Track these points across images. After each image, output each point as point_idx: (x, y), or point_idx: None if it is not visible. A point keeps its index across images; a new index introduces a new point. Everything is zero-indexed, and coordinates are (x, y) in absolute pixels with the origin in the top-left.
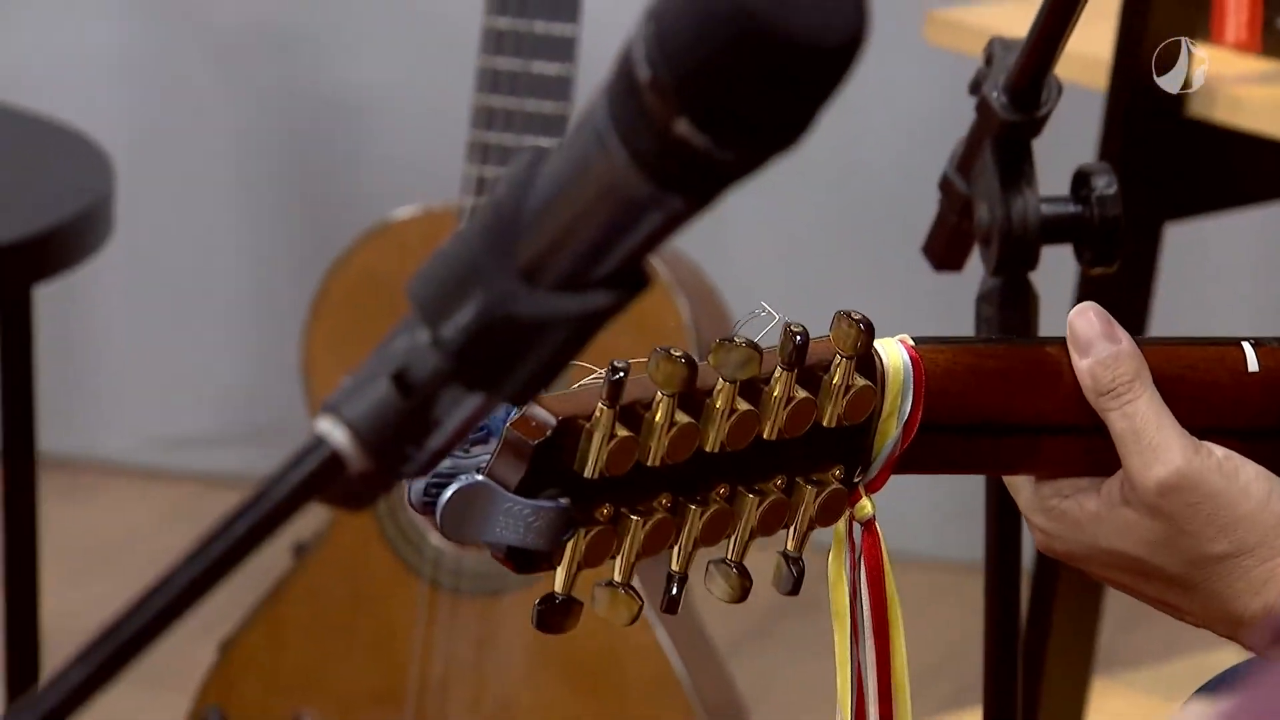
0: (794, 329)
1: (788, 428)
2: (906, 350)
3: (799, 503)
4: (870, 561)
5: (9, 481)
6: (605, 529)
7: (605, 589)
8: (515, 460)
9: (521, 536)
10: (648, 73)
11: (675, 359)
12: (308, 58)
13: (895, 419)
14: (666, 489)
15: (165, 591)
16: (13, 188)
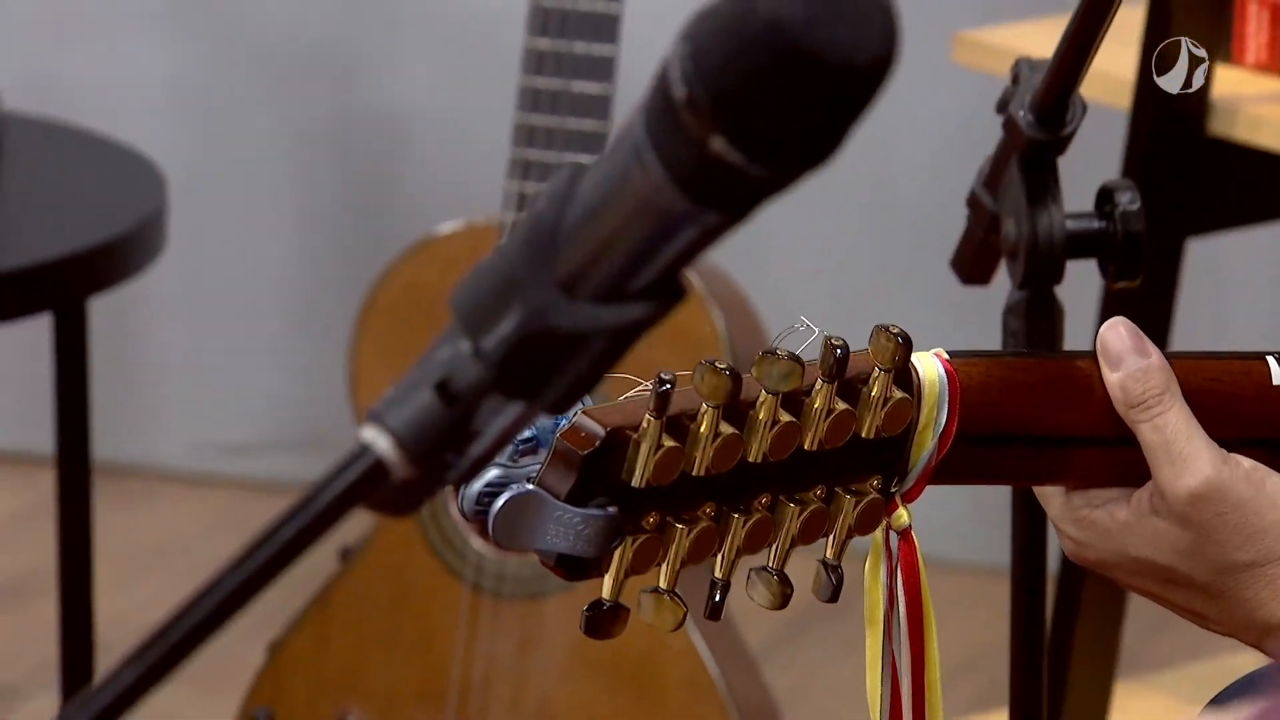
0: (835, 343)
1: (828, 439)
2: (942, 364)
3: (838, 512)
4: (907, 569)
5: (64, 487)
6: (652, 537)
7: (651, 595)
8: (565, 470)
9: (571, 544)
10: (683, 91)
11: (720, 371)
12: (355, 78)
13: (931, 431)
14: (711, 498)
15: (215, 595)
16: (70, 203)
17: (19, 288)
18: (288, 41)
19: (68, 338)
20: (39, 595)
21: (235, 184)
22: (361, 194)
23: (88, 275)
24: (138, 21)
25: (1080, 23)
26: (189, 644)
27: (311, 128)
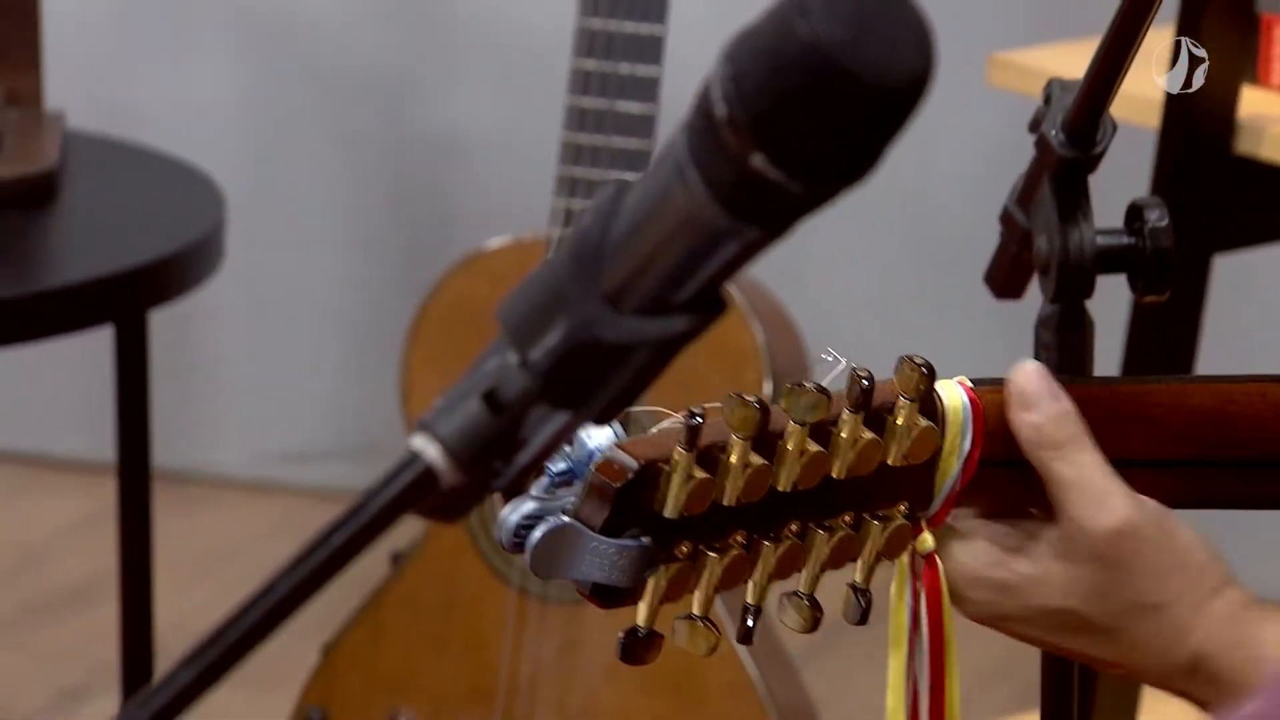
0: (860, 374)
1: (855, 467)
2: (965, 392)
3: (866, 537)
4: (930, 593)
5: (126, 494)
6: (685, 565)
7: (685, 622)
8: (600, 502)
9: (606, 574)
10: (724, 110)
11: (749, 404)
12: (407, 98)
13: (955, 457)
14: (742, 526)
15: (270, 598)
16: (132, 219)
17: (82, 300)
18: (343, 65)
19: (129, 348)
20: (101, 599)
21: (292, 201)
22: (413, 210)
23: (148, 288)
24: (200, 46)
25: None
26: (244, 645)
27: (365, 147)
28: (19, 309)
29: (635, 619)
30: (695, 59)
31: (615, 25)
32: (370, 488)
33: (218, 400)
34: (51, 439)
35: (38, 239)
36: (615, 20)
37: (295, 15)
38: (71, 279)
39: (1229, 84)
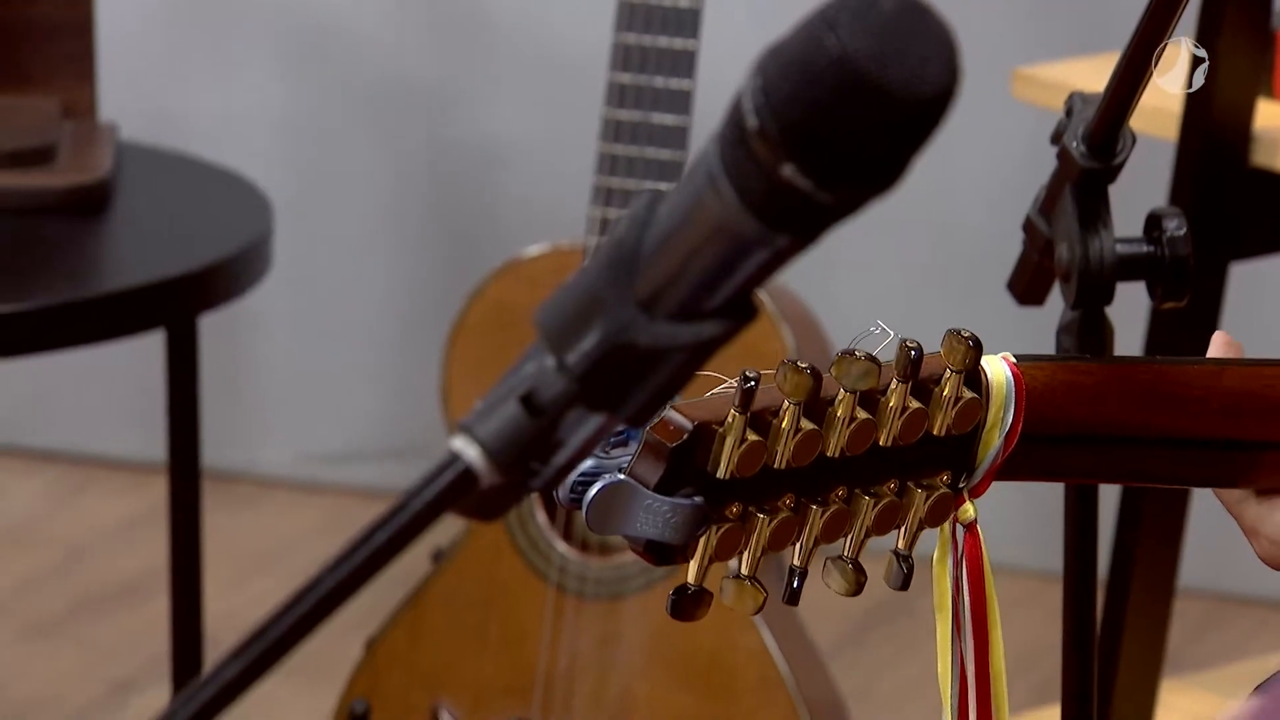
0: (910, 345)
1: (902, 435)
2: (1009, 366)
3: (910, 505)
4: (971, 560)
5: (176, 493)
6: (734, 526)
7: (733, 581)
8: (655, 461)
9: (659, 531)
10: (755, 122)
11: (802, 370)
12: (448, 110)
13: (998, 430)
14: (790, 490)
15: (315, 593)
16: (182, 227)
17: (134, 305)
18: (386, 78)
19: (179, 352)
20: (153, 594)
21: (337, 209)
22: (454, 218)
23: (198, 294)
24: (247, 59)
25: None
26: (291, 639)
27: (407, 157)
28: (74, 314)
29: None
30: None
31: (650, 40)
32: (412, 488)
33: (264, 402)
34: (105, 440)
35: (92, 246)
36: (650, 35)
37: (339, 29)
38: (124, 285)
39: (1245, 98)
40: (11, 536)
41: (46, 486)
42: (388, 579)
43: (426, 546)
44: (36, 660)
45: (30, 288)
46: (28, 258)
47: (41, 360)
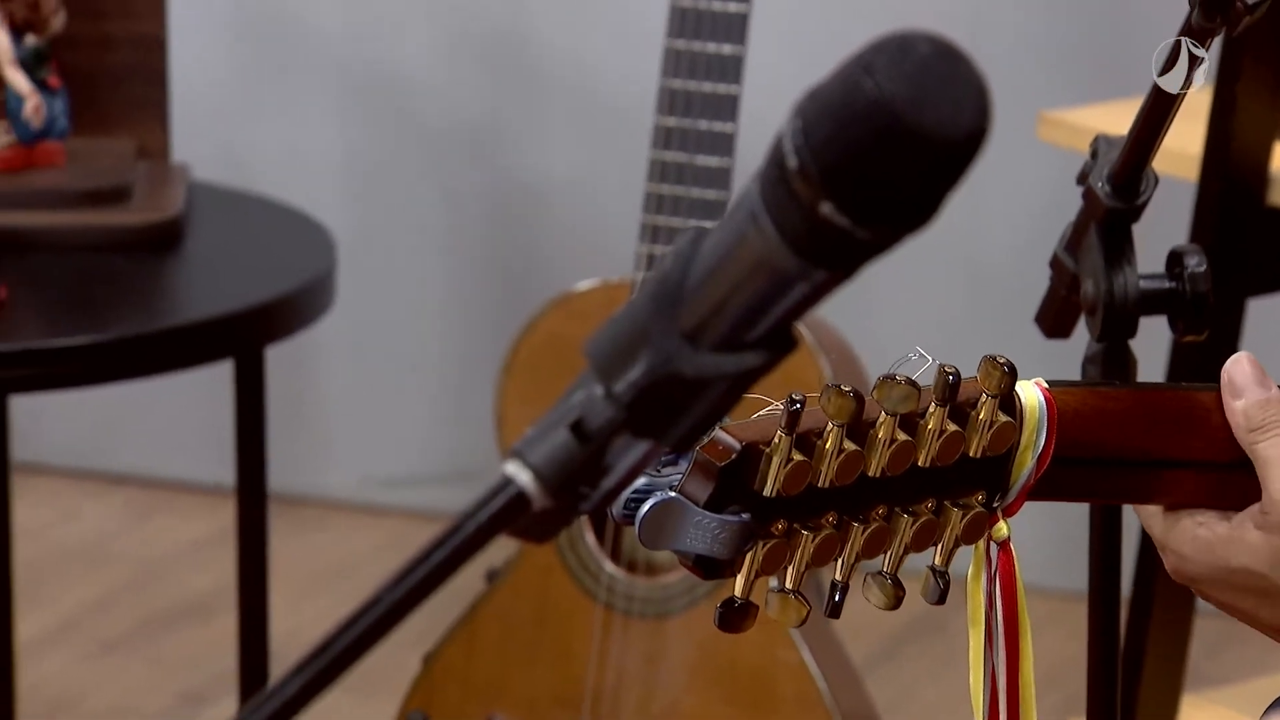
0: (948, 370)
1: (939, 457)
2: (1042, 392)
3: (946, 523)
4: (1005, 576)
5: (244, 516)
6: (780, 542)
7: (778, 594)
8: (704, 479)
9: (708, 546)
10: (795, 162)
11: (845, 394)
12: (502, 150)
13: (1031, 451)
14: (833, 508)
15: (375, 610)
16: (249, 262)
17: (205, 337)
18: (444, 120)
19: (247, 381)
20: (222, 611)
21: (397, 245)
22: (508, 254)
23: (265, 326)
24: (311, 103)
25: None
26: (351, 655)
27: (463, 196)
28: (147, 344)
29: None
30: (768, 116)
31: (694, 85)
32: (466, 510)
33: (328, 429)
34: (177, 464)
35: (165, 281)
36: (694, 81)
37: (397, 72)
38: (195, 318)
39: (1262, 140)
40: (86, 556)
41: (120, 508)
42: (444, 597)
43: (481, 566)
44: (110, 674)
45: (106, 320)
46: (104, 291)
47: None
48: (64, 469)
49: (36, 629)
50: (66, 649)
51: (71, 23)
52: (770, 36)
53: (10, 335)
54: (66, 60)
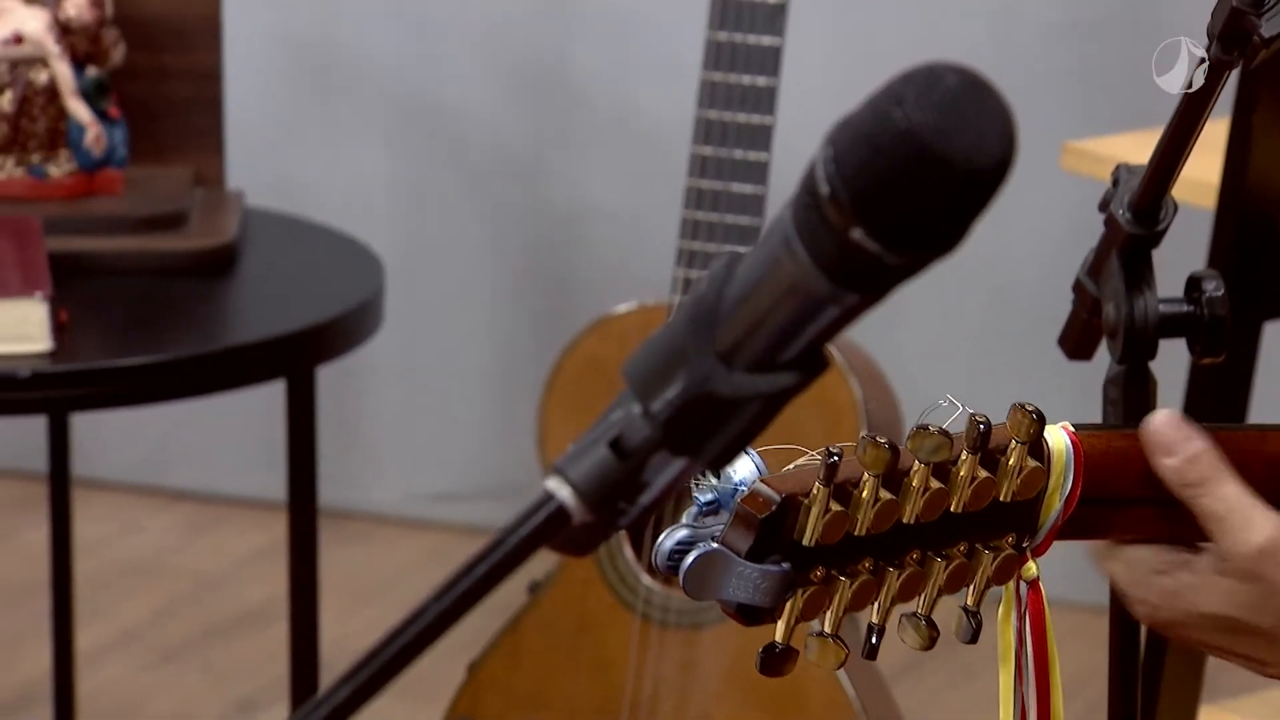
0: (978, 419)
1: (971, 502)
2: (1069, 436)
3: (978, 565)
4: (1034, 615)
5: (295, 529)
6: (819, 589)
7: (817, 638)
8: (745, 531)
9: (750, 595)
10: (827, 189)
11: (881, 445)
12: (543, 178)
13: (1058, 494)
14: (870, 554)
15: (421, 621)
16: (301, 285)
17: (257, 357)
18: (488, 148)
19: (299, 400)
20: (274, 621)
21: (442, 269)
22: (549, 278)
23: (316, 347)
24: (361, 133)
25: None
26: (398, 663)
27: (506, 221)
28: (203, 365)
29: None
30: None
31: (730, 116)
32: (509, 524)
33: (376, 446)
34: (230, 480)
35: (219, 304)
36: (730, 111)
37: (443, 104)
38: (248, 339)
39: (1278, 170)
40: (145, 569)
41: (177, 523)
42: (488, 608)
43: (523, 578)
44: (168, 682)
45: (164, 341)
46: (162, 314)
47: (174, 407)
48: (124, 485)
49: (97, 639)
50: (126, 658)
51: (131, 55)
52: (803, 68)
53: (72, 355)
54: (126, 91)
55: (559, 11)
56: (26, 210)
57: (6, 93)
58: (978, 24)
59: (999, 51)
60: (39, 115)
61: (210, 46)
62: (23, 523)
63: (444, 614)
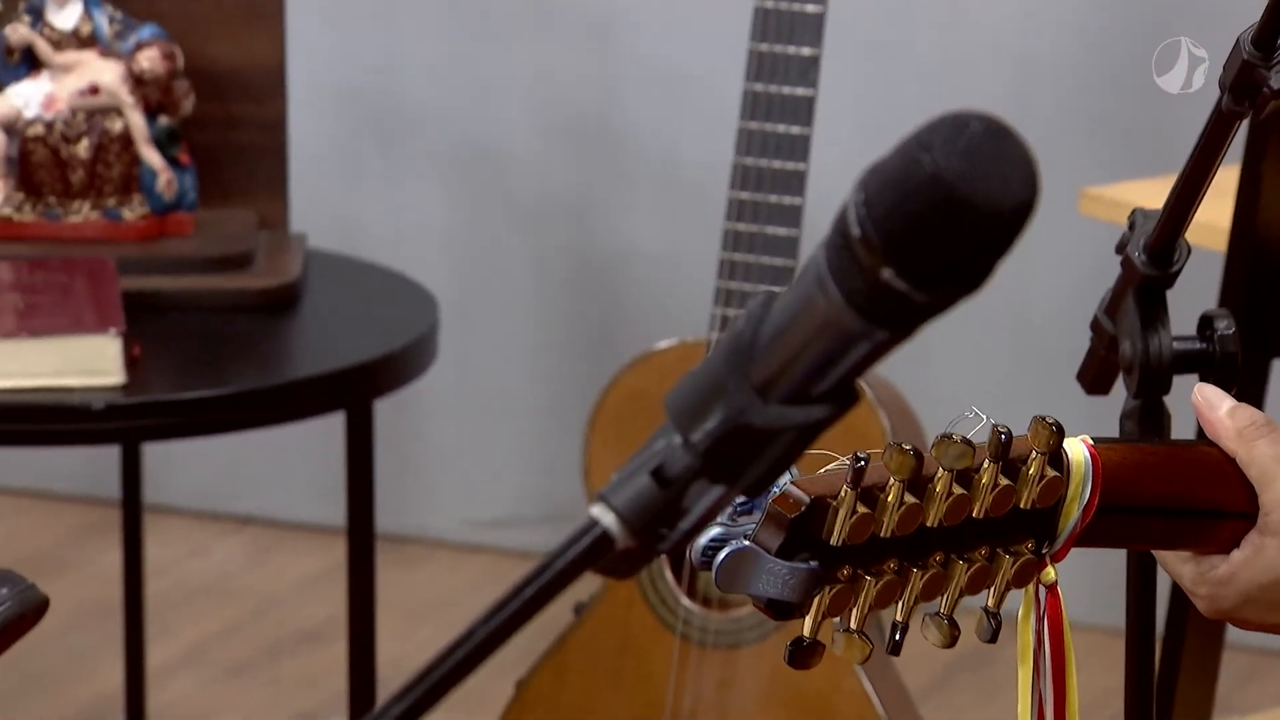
0: (1000, 429)
1: (992, 509)
2: (1088, 448)
3: (999, 569)
4: (1052, 617)
5: (353, 553)
6: (845, 586)
7: (843, 634)
8: (776, 530)
9: (779, 591)
10: (858, 231)
11: (906, 452)
12: (590, 221)
13: (1077, 503)
14: (894, 555)
15: (472, 640)
16: (360, 322)
17: (318, 391)
18: (537, 192)
19: (357, 431)
20: (333, 640)
21: (494, 307)
22: (594, 316)
23: (373, 381)
24: (416, 177)
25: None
26: (450, 680)
27: (553, 261)
28: (266, 398)
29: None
30: (832, 190)
31: (765, 162)
32: (556, 549)
33: (431, 474)
34: (293, 506)
35: (283, 340)
36: (765, 158)
37: (493, 149)
38: (310, 373)
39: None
40: (212, 589)
41: (243, 546)
42: (535, 627)
43: (569, 600)
44: (234, 696)
45: (230, 375)
46: (228, 349)
47: (239, 437)
48: (192, 510)
49: (167, 656)
50: (194, 673)
51: (200, 105)
52: (834, 117)
53: (143, 389)
54: (195, 139)
55: (605, 66)
56: (102, 251)
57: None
58: (1001, 76)
59: (1021, 102)
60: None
61: (275, 97)
62: (97, 546)
63: (493, 634)
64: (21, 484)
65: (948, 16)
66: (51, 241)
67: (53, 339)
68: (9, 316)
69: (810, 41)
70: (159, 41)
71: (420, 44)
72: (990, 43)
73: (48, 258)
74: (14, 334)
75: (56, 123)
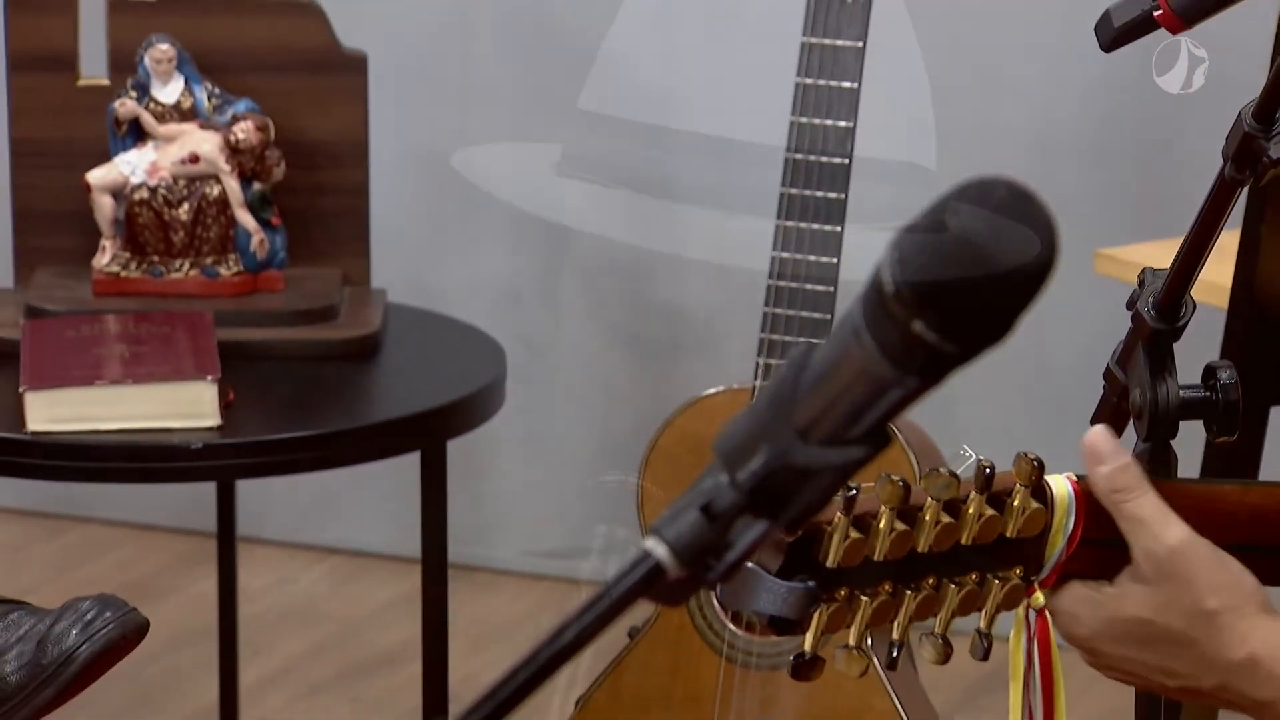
0: (984, 464)
1: (980, 536)
2: (1072, 484)
3: (989, 592)
4: (1041, 638)
5: (427, 581)
6: (841, 605)
7: (843, 650)
8: (775, 552)
9: (779, 608)
10: (892, 287)
11: (895, 482)
12: (645, 277)
13: (1061, 534)
14: (888, 578)
15: (536, 661)
16: (434, 370)
17: (397, 432)
18: (594, 250)
19: (432, 469)
20: (408, 661)
21: (556, 356)
22: (647, 364)
23: (447, 423)
24: (487, 238)
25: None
26: (516, 697)
27: (610, 315)
28: (349, 439)
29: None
30: (867, 251)
31: (804, 225)
32: (612, 579)
33: (498, 509)
34: (373, 538)
35: (365, 386)
36: (805, 221)
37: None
38: (389, 416)
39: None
40: (299, 614)
41: (327, 575)
42: (594, 649)
43: (625, 625)
44: (318, 713)
45: (316, 418)
46: (314, 395)
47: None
48: (281, 541)
49: (258, 675)
50: (282, 692)
51: (290, 173)
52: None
53: (238, 430)
54: (285, 203)
55: (661, 137)
56: (200, 306)
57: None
58: (1021, 147)
59: (1040, 171)
60: (212, 224)
61: (358, 165)
62: (194, 575)
63: (556, 655)
64: (126, 517)
65: (980, 98)
66: (154, 296)
67: (155, 385)
68: (116, 365)
69: (846, 116)
70: (253, 114)
71: (489, 123)
72: (1016, 120)
73: (151, 311)
74: (120, 380)
75: (160, 188)
